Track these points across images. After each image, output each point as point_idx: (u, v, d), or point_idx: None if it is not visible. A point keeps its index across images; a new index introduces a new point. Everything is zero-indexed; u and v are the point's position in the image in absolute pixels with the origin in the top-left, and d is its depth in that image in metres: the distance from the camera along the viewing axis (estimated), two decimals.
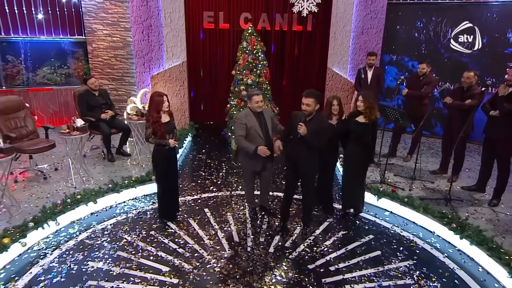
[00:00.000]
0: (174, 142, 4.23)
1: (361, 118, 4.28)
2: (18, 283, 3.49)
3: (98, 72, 7.62)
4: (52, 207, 4.34)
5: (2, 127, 5.20)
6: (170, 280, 3.58)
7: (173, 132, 4.35)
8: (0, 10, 7.08)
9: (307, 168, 4.13)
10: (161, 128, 4.13)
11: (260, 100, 4.17)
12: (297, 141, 4.00)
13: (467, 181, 5.74)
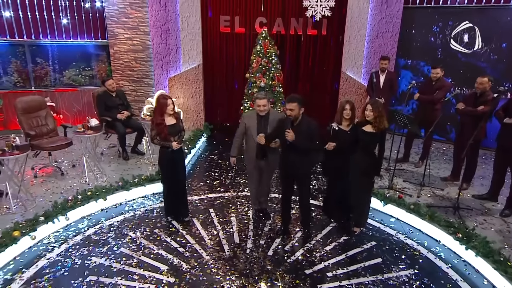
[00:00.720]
0: (176, 145, 4.15)
1: (369, 127, 4.00)
2: (24, 275, 3.55)
3: (119, 74, 7.74)
4: (63, 203, 4.41)
5: (24, 125, 5.35)
6: (167, 279, 3.55)
7: (178, 135, 4.28)
8: (31, 16, 7.31)
9: (300, 171, 4.02)
10: (164, 130, 4.09)
11: (262, 104, 4.08)
12: (288, 147, 3.91)
13: (479, 189, 5.41)
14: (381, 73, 6.32)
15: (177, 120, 4.29)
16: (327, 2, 6.69)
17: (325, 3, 6.70)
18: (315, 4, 6.71)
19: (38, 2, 7.25)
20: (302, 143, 3.81)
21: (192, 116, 7.90)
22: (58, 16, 7.44)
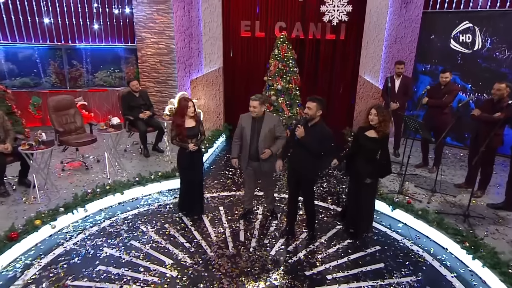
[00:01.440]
0: (193, 147, 4.14)
1: (372, 132, 3.82)
2: (42, 261, 3.69)
3: (146, 76, 7.91)
4: (82, 195, 4.55)
5: (55, 122, 5.57)
6: (170, 273, 3.56)
7: (196, 137, 4.24)
8: (68, 22, 7.61)
9: (305, 172, 3.91)
10: (183, 132, 4.09)
11: (253, 106, 4.00)
12: (296, 146, 3.82)
13: (495, 198, 5.07)
14: (397, 78, 6.06)
15: (197, 123, 4.26)
16: (344, 7, 6.52)
17: (342, 8, 6.53)
18: (332, 9, 6.55)
19: (74, 10, 7.54)
20: (309, 143, 3.70)
21: (212, 116, 7.93)
22: (91, 22, 7.70)
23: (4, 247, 3.60)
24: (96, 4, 7.55)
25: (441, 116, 5.29)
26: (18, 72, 7.59)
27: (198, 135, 4.24)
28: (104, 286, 3.34)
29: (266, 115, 4.17)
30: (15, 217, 4.22)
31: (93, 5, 7.55)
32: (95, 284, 3.36)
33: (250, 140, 4.14)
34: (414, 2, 6.63)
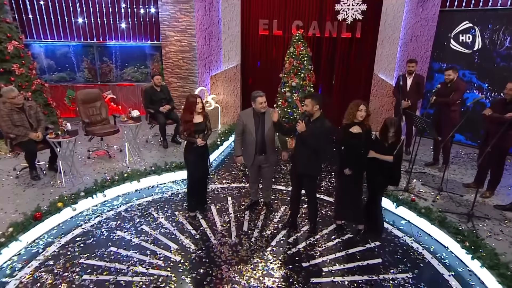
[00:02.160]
0: (201, 142, 4.08)
1: (355, 128, 3.69)
2: (62, 240, 3.87)
3: (169, 72, 8.02)
4: (102, 181, 4.71)
5: (82, 114, 5.79)
6: (174, 257, 3.63)
7: (203, 132, 4.19)
8: (100, 22, 7.84)
9: (306, 168, 3.83)
10: (191, 127, 4.05)
11: (263, 101, 3.97)
12: (298, 141, 3.76)
13: (504, 199, 4.77)
14: (409, 76, 5.79)
15: (204, 118, 4.20)
16: (358, 6, 6.30)
17: (357, 6, 6.31)
18: (346, 8, 6.35)
19: (105, 10, 7.75)
20: (310, 138, 3.63)
21: (229, 111, 7.95)
22: (120, 21, 7.89)
23: (30, 225, 3.81)
24: (124, 5, 7.72)
25: (449, 114, 5.03)
26: (56, 68, 7.94)
27: (205, 130, 4.20)
28: (113, 266, 3.46)
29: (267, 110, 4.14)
30: (42, 199, 4.44)
31: (121, 6, 7.73)
32: (105, 264, 3.49)
33: (255, 134, 4.10)
34: (431, 0, 6.28)
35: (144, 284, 3.23)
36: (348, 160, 3.82)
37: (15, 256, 3.57)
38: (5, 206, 4.30)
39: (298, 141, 3.84)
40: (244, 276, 3.38)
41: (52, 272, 3.37)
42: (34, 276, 3.32)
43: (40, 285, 3.20)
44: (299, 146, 3.85)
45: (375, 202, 4.02)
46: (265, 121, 4.07)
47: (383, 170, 3.75)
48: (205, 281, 3.30)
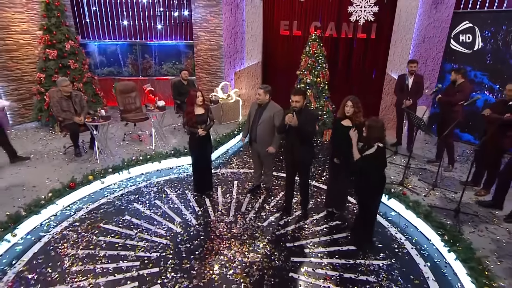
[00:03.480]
0: (202, 132, 4.13)
1: (346, 122, 3.60)
2: (89, 207, 4.22)
3: (200, 68, 8.24)
4: (128, 161, 5.03)
5: (119, 102, 6.17)
6: (176, 229, 3.82)
7: (205, 123, 4.22)
8: (143, 24, 8.21)
9: (299, 158, 3.82)
10: (193, 118, 4.11)
11: (258, 93, 4.02)
12: (290, 134, 3.72)
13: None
14: (410, 76, 5.44)
15: (206, 110, 4.22)
16: (370, 8, 6.00)
17: (369, 8, 6.02)
18: (359, 10, 6.07)
19: (147, 14, 8.09)
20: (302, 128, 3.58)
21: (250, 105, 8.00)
22: (159, 23, 8.20)
23: (65, 192, 4.21)
24: (162, 8, 8.01)
25: (450, 114, 4.68)
26: (106, 63, 8.48)
27: (207, 121, 4.24)
28: (124, 231, 3.74)
29: (270, 104, 4.13)
30: (79, 172, 4.84)
31: (160, 9, 8.02)
32: (118, 229, 3.78)
33: (252, 124, 4.17)
34: (445, 2, 5.80)
35: (145, 249, 3.47)
36: (338, 150, 3.75)
37: (52, 216, 3.98)
38: (51, 176, 4.78)
39: (292, 132, 3.80)
40: (232, 250, 3.48)
41: (77, 231, 3.72)
42: (63, 233, 3.70)
43: (66, 241, 3.56)
44: (291, 139, 3.83)
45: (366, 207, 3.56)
46: (263, 113, 4.09)
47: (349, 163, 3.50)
48: (197, 251, 3.45)
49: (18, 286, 2.99)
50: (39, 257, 3.34)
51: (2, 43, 6.55)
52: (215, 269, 3.21)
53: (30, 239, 3.60)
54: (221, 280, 3.08)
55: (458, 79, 4.78)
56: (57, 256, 3.35)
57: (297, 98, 3.58)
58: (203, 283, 3.03)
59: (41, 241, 3.58)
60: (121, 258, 3.33)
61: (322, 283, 3.09)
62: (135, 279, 3.06)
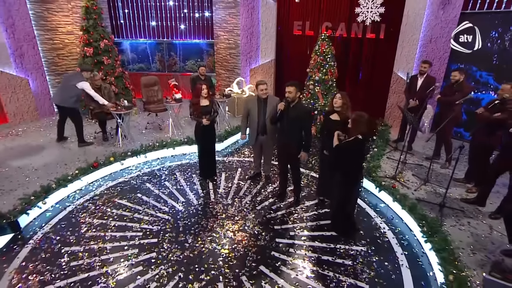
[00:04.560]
0: (206, 121, 4.24)
1: (335, 116, 3.60)
2: (109, 184, 4.57)
3: (219, 64, 8.42)
4: (146, 146, 5.34)
5: (143, 94, 6.52)
6: (178, 207, 4.05)
7: (210, 114, 4.34)
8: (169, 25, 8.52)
9: (291, 152, 3.87)
10: (198, 109, 4.25)
11: (264, 88, 4.05)
12: (282, 126, 3.78)
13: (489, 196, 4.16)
14: (420, 76, 5.21)
15: (210, 102, 4.35)
16: (377, 9, 5.81)
17: (375, 9, 5.83)
18: (366, 11, 5.90)
19: (173, 15, 8.38)
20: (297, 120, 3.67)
21: None
22: (183, 23, 8.46)
23: (89, 171, 4.59)
24: (185, 10, 8.25)
25: (449, 113, 4.47)
26: (137, 60, 8.91)
27: (211, 112, 4.37)
28: (134, 206, 4.03)
29: (269, 97, 4.21)
30: (103, 154, 5.21)
31: (183, 11, 8.27)
32: (129, 204, 4.08)
33: (258, 118, 4.22)
34: (453, 3, 5.47)
35: (149, 222, 3.73)
36: (327, 142, 3.76)
37: (77, 190, 4.38)
38: (80, 157, 5.20)
39: (284, 125, 3.86)
40: (223, 229, 3.66)
41: (95, 204, 4.07)
42: (84, 205, 4.06)
43: (85, 211, 3.92)
44: (282, 134, 3.89)
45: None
46: (267, 106, 4.15)
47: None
48: (193, 227, 3.66)
49: (44, 244, 3.37)
50: (63, 223, 3.72)
51: (51, 42, 7.13)
52: (206, 244, 3.39)
53: (57, 208, 4.01)
54: (209, 253, 3.26)
55: (461, 79, 4.55)
56: (77, 223, 3.71)
57: (290, 89, 3.64)
58: (193, 255, 3.23)
59: (65, 209, 3.97)
60: (127, 228, 3.62)
61: (300, 262, 3.18)
62: (136, 247, 3.32)
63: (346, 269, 3.10)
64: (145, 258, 3.17)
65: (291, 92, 3.64)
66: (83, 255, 3.21)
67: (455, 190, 4.29)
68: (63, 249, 3.30)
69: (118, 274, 2.98)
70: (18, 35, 6.48)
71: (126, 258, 3.17)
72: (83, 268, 3.05)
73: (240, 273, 3.01)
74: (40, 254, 3.23)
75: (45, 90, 7.11)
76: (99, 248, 3.30)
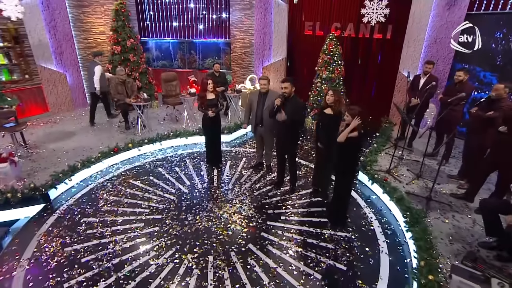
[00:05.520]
0: (211, 113, 4.41)
1: (328, 110, 3.64)
2: (126, 167, 4.89)
3: (235, 62, 8.57)
4: (161, 135, 5.63)
5: (163, 89, 6.82)
6: (183, 189, 4.29)
7: (215, 106, 4.50)
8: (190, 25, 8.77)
9: (287, 144, 3.96)
10: (204, 102, 4.44)
11: (263, 83, 4.17)
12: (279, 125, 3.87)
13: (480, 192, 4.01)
14: (423, 76, 5.06)
15: (216, 96, 4.52)
16: (382, 10, 5.67)
17: (380, 10, 5.70)
18: (371, 12, 5.78)
19: (194, 16, 8.62)
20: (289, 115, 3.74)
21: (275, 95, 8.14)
22: (202, 24, 8.67)
23: (110, 154, 4.94)
24: (204, 12, 8.45)
25: (450, 113, 4.32)
26: (161, 57, 9.28)
27: (217, 105, 4.53)
28: (145, 187, 4.32)
29: (270, 91, 4.31)
30: (124, 141, 5.55)
31: (202, 12, 8.48)
32: (142, 185, 4.37)
33: (257, 110, 4.36)
34: (458, 4, 5.22)
35: (156, 201, 3.99)
36: (321, 135, 3.83)
37: (99, 171, 4.74)
38: (105, 142, 5.55)
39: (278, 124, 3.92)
40: (221, 210, 3.84)
41: (113, 183, 4.41)
42: (103, 184, 4.41)
43: (104, 189, 4.26)
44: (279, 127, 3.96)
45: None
46: (266, 100, 4.26)
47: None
48: (193, 208, 3.88)
49: (67, 214, 3.74)
50: (84, 198, 4.07)
51: (86, 41, 7.62)
52: (203, 222, 3.60)
53: (81, 185, 4.38)
54: (205, 230, 3.47)
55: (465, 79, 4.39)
56: (95, 198, 4.06)
57: (285, 85, 3.74)
58: (191, 231, 3.45)
59: (87, 187, 4.33)
60: (137, 205, 3.90)
61: (286, 243, 3.30)
62: (142, 221, 3.60)
63: (328, 251, 3.18)
64: (148, 231, 3.43)
65: (287, 87, 3.72)
66: (98, 225, 3.53)
67: (447, 186, 4.19)
68: (82, 219, 3.64)
69: (124, 242, 3.26)
70: (58, 36, 6.99)
71: (133, 230, 3.44)
72: (96, 235, 3.37)
73: (230, 249, 3.19)
74: (63, 222, 3.59)
75: (80, 84, 7.62)
76: (111, 221, 3.60)
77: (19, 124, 5.26)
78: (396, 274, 2.90)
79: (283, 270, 2.94)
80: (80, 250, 3.16)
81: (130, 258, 3.05)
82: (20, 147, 5.18)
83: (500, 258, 2.75)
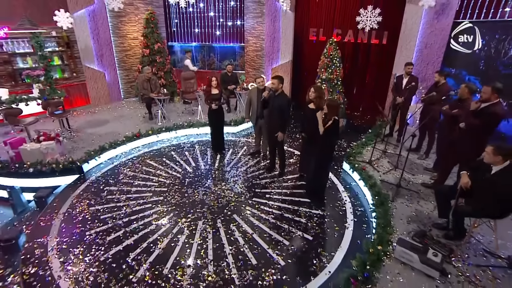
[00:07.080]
0: (214, 106, 4.74)
1: (312, 105, 3.82)
2: (145, 151, 5.40)
3: (248, 64, 8.89)
4: (177, 125, 6.10)
5: (182, 86, 7.31)
6: (189, 169, 4.69)
7: (218, 100, 4.80)
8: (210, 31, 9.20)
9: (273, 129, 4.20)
10: (208, 96, 4.80)
11: (260, 81, 4.42)
12: (269, 114, 4.12)
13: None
14: (405, 77, 5.08)
15: (219, 91, 4.83)
16: (375, 17, 5.70)
17: (374, 18, 5.73)
18: (365, 19, 5.81)
19: (213, 23, 9.03)
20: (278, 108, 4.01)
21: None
22: (220, 30, 9.06)
23: (132, 139, 5.48)
24: (222, 19, 8.84)
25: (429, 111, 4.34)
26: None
27: (220, 99, 4.85)
28: (158, 166, 4.78)
29: (266, 88, 4.56)
30: (145, 129, 6.08)
31: (220, 20, 8.87)
32: (155, 164, 4.84)
33: (257, 105, 4.63)
34: (446, 13, 5.14)
35: (165, 177, 4.44)
36: (305, 126, 4.05)
37: (123, 152, 5.29)
38: (130, 129, 6.11)
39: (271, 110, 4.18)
40: (216, 187, 4.20)
41: (133, 162, 4.93)
42: (125, 162, 4.94)
43: (125, 166, 4.79)
44: (270, 115, 4.24)
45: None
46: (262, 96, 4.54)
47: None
48: (193, 184, 4.27)
49: (95, 183, 4.29)
50: (109, 172, 4.62)
51: (121, 45, 8.31)
52: (199, 196, 3.98)
53: (108, 162, 4.95)
54: (199, 202, 3.84)
55: (441, 80, 4.39)
56: (118, 173, 4.59)
57: (273, 81, 4.00)
58: (188, 201, 3.84)
59: (112, 164, 4.88)
60: (149, 179, 4.37)
61: (265, 215, 3.58)
62: (150, 192, 4.05)
63: (300, 224, 3.42)
64: (154, 200, 3.88)
65: (274, 83, 3.97)
66: (116, 192, 4.04)
67: (421, 177, 4.23)
68: (105, 188, 4.17)
69: (134, 206, 3.73)
70: (100, 41, 7.70)
71: (142, 198, 3.90)
72: (114, 200, 3.87)
73: (217, 217, 3.54)
74: (91, 189, 4.15)
75: (116, 81, 8.33)
76: (127, 190, 4.09)
77: (65, 112, 5.98)
78: (355, 246, 3.09)
79: (257, 236, 3.24)
80: (101, 209, 3.67)
81: (137, 218, 3.51)
82: (65, 130, 5.89)
83: (447, 237, 2.84)
